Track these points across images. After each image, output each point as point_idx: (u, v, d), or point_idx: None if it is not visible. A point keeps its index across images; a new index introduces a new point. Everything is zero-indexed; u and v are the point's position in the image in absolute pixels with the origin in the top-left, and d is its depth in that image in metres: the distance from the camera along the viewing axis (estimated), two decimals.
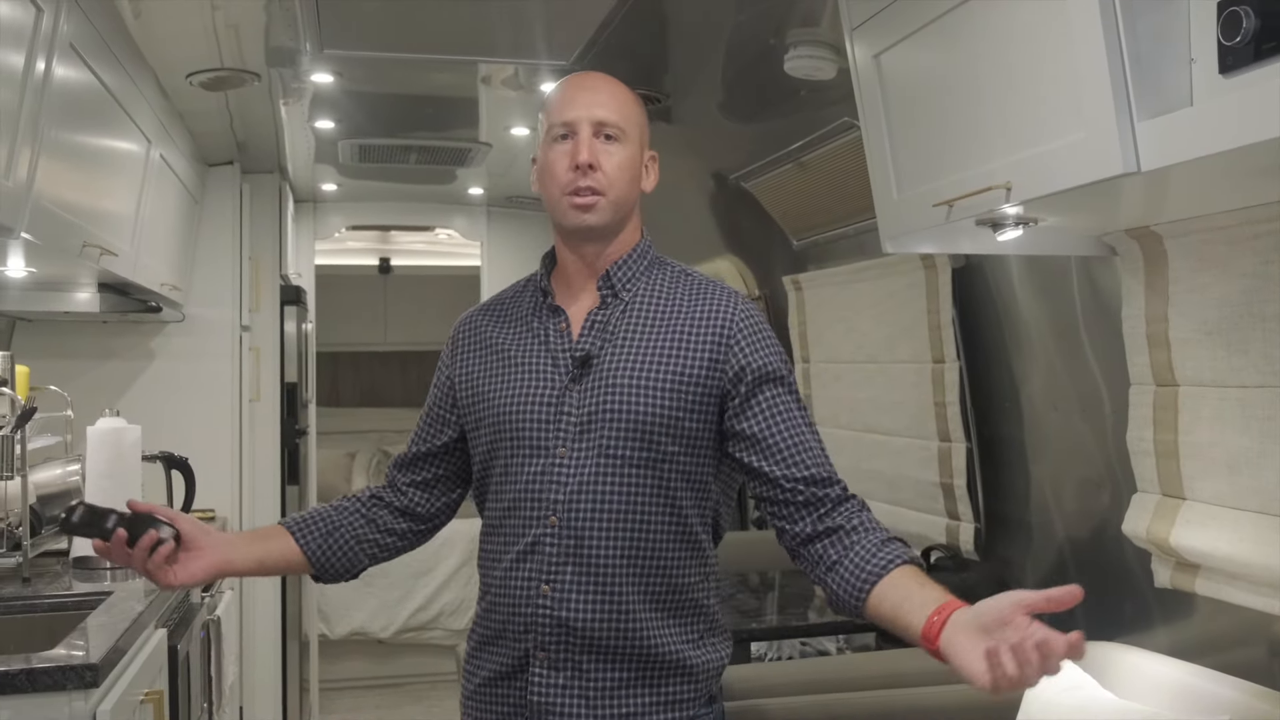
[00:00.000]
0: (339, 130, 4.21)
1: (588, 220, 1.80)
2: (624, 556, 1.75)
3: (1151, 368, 2.33)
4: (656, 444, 1.75)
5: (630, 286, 1.84)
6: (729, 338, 1.79)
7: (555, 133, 1.81)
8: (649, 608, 1.76)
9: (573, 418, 1.77)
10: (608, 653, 1.75)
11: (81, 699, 1.95)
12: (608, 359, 1.79)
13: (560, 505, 1.75)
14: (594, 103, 1.81)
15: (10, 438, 2.77)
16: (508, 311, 1.92)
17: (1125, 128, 1.56)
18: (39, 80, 2.12)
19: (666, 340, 1.79)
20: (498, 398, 1.83)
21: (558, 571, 1.75)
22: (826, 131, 3.37)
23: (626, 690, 1.76)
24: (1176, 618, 2.49)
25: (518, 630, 1.77)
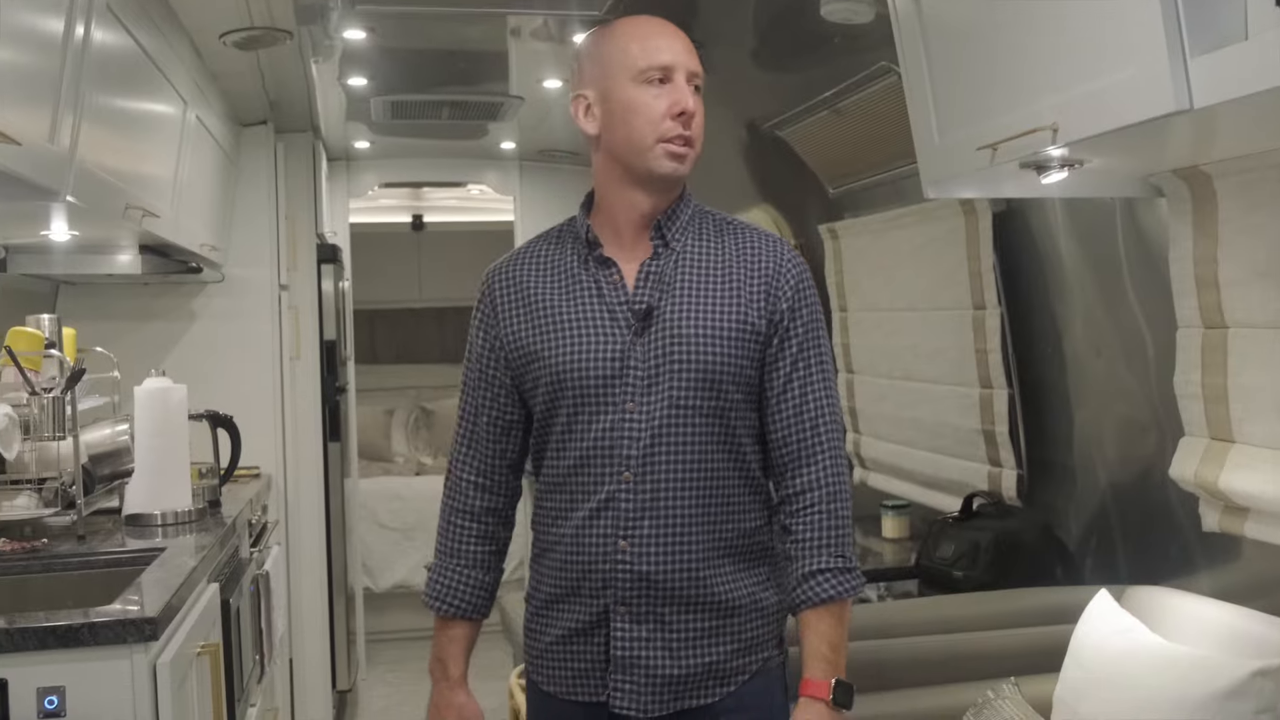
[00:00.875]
0: (371, 87, 4.20)
1: (680, 170, 1.79)
2: (698, 506, 1.76)
3: (1200, 310, 2.30)
4: (723, 393, 1.77)
5: (680, 236, 1.83)
6: (776, 282, 1.81)
7: (648, 75, 1.77)
8: (722, 555, 1.78)
9: (639, 371, 1.76)
10: (688, 602, 1.76)
11: (142, 651, 1.98)
12: (669, 310, 1.78)
13: (634, 460, 1.75)
14: (685, 50, 1.80)
15: (61, 399, 2.81)
16: (548, 263, 1.87)
17: (1177, 64, 1.54)
18: (79, 45, 2.12)
19: (724, 289, 1.79)
20: (555, 355, 1.79)
21: (634, 526, 1.75)
22: (863, 77, 3.34)
23: (708, 639, 1.78)
24: (1223, 561, 2.49)
25: (595, 586, 1.78)
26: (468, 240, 7.42)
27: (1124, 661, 2.25)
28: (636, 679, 1.77)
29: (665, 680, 1.77)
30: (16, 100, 1.89)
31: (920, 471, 3.67)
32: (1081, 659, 2.37)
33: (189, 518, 2.99)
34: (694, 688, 1.79)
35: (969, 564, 3.09)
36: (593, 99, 1.82)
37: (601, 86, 1.81)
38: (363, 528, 5.91)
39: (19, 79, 1.91)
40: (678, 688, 1.78)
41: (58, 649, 1.94)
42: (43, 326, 2.99)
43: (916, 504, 3.75)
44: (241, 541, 3.21)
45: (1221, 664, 2.07)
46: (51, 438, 2.83)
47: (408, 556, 6.19)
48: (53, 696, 1.92)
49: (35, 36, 1.98)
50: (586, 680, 1.81)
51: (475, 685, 1.97)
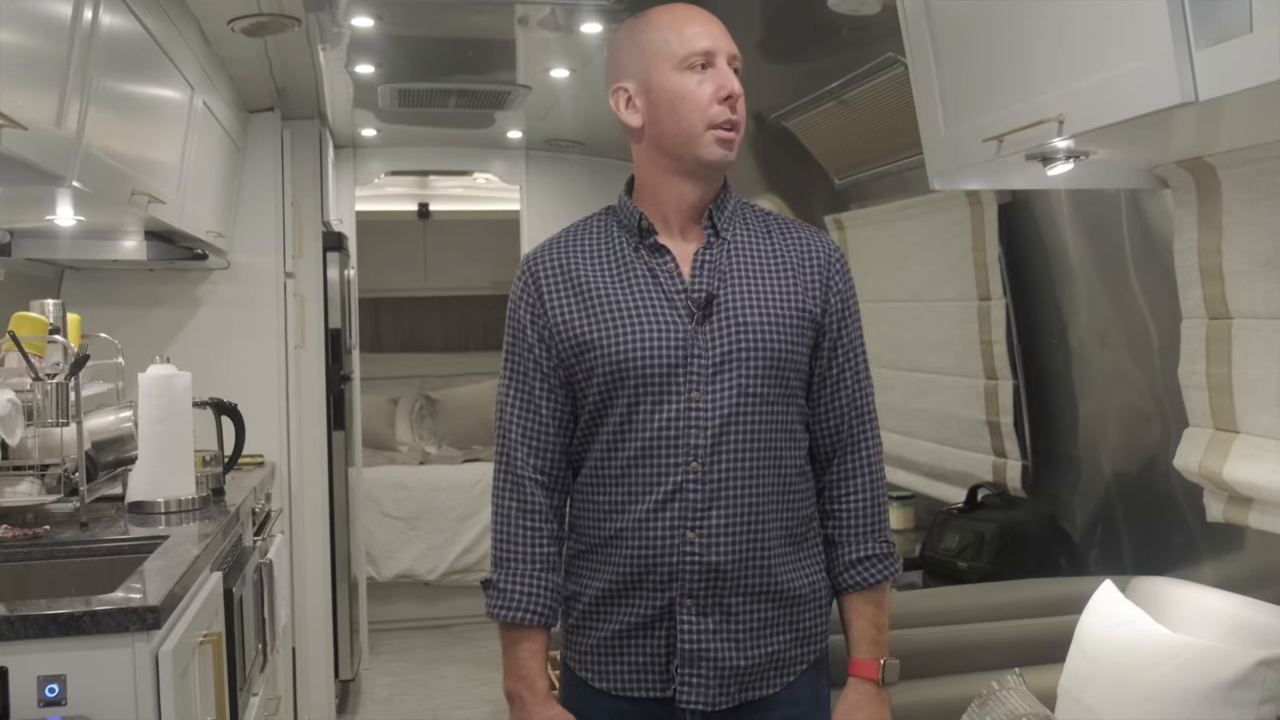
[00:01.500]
0: (378, 75, 4.20)
1: (729, 156, 1.79)
2: (766, 494, 1.76)
3: (1204, 301, 2.30)
4: (787, 379, 1.78)
5: (729, 226, 1.83)
6: (830, 272, 1.84)
7: (691, 61, 1.76)
8: (785, 544, 1.79)
9: (705, 359, 1.73)
10: (754, 592, 1.76)
11: (144, 640, 1.98)
12: (729, 298, 1.77)
13: (702, 449, 1.72)
14: (724, 33, 1.80)
15: (65, 385, 2.81)
16: (595, 250, 1.84)
17: (1183, 56, 1.54)
18: (86, 29, 2.12)
19: (781, 278, 1.81)
20: (613, 343, 1.75)
21: (703, 516, 1.73)
22: (870, 68, 3.33)
23: (771, 628, 1.79)
24: (1226, 552, 2.49)
25: (660, 579, 1.75)
26: (474, 229, 7.43)
27: (1129, 652, 2.26)
28: (704, 672, 1.75)
29: (732, 672, 1.76)
30: (24, 84, 1.88)
31: (925, 462, 3.67)
32: (1086, 649, 2.37)
33: (192, 505, 2.99)
34: (758, 678, 1.79)
35: (974, 555, 3.10)
36: (634, 90, 1.80)
37: (643, 77, 1.79)
38: (366, 517, 5.91)
39: (27, 63, 1.91)
40: (743, 679, 1.77)
41: (59, 637, 1.93)
42: (47, 312, 2.99)
43: (921, 495, 3.75)
44: (245, 530, 3.21)
45: (1226, 654, 2.07)
46: (55, 424, 2.82)
47: (411, 546, 6.20)
48: (54, 685, 1.91)
49: (44, 20, 1.98)
50: (647, 675, 1.78)
51: (479, 674, 1.96)
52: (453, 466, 6.63)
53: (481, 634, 5.99)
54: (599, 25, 3.48)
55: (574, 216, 1.94)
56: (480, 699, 5.03)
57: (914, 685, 2.54)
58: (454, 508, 6.24)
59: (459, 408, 7.40)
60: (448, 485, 6.32)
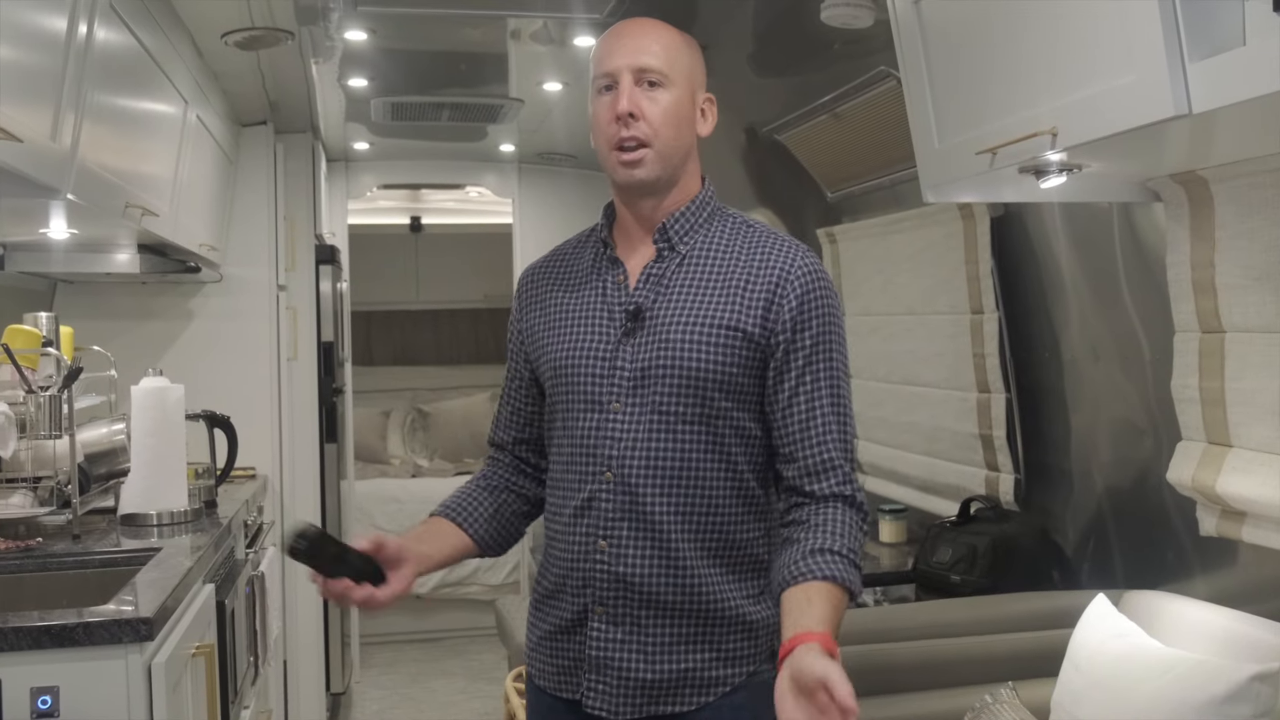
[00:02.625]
0: (371, 89, 4.21)
1: (636, 175, 1.75)
2: (679, 513, 1.73)
3: (1197, 314, 2.31)
4: (709, 399, 1.73)
5: (688, 239, 1.79)
6: (781, 290, 1.73)
7: (599, 84, 1.77)
8: (707, 563, 1.74)
9: (626, 372, 1.74)
10: (667, 608, 1.73)
11: (137, 652, 1.98)
12: (661, 313, 1.75)
13: (615, 461, 1.74)
14: (634, 49, 1.75)
15: (58, 397, 2.80)
16: (569, 263, 1.89)
17: (1176, 69, 1.55)
18: (81, 43, 2.12)
19: (720, 293, 1.74)
20: (556, 350, 1.81)
21: (614, 527, 1.74)
22: (862, 81, 3.35)
23: (686, 645, 1.74)
24: (1219, 565, 2.49)
25: (576, 585, 1.77)
26: (466, 242, 7.43)
27: (1121, 665, 2.26)
28: (609, 680, 1.75)
29: (638, 683, 1.74)
30: (19, 97, 1.89)
31: (917, 476, 3.67)
32: (1079, 663, 2.37)
33: (185, 518, 2.99)
34: (668, 693, 1.75)
35: (966, 568, 3.10)
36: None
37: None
38: (358, 530, 5.90)
39: (22, 76, 1.91)
40: (651, 692, 1.74)
41: (52, 648, 1.93)
42: (40, 324, 2.98)
43: (914, 508, 3.75)
44: (237, 542, 3.21)
45: (1219, 668, 2.08)
46: (48, 436, 2.82)
47: None
48: (46, 696, 1.91)
49: (39, 34, 1.98)
50: (569, 677, 1.80)
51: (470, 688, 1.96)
52: (445, 479, 6.61)
53: (473, 647, 5.98)
54: (591, 39, 3.50)
55: (566, 230, 1.96)
56: (471, 712, 5.01)
57: (907, 698, 2.55)
58: None
59: (451, 421, 7.39)
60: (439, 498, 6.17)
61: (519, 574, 6.24)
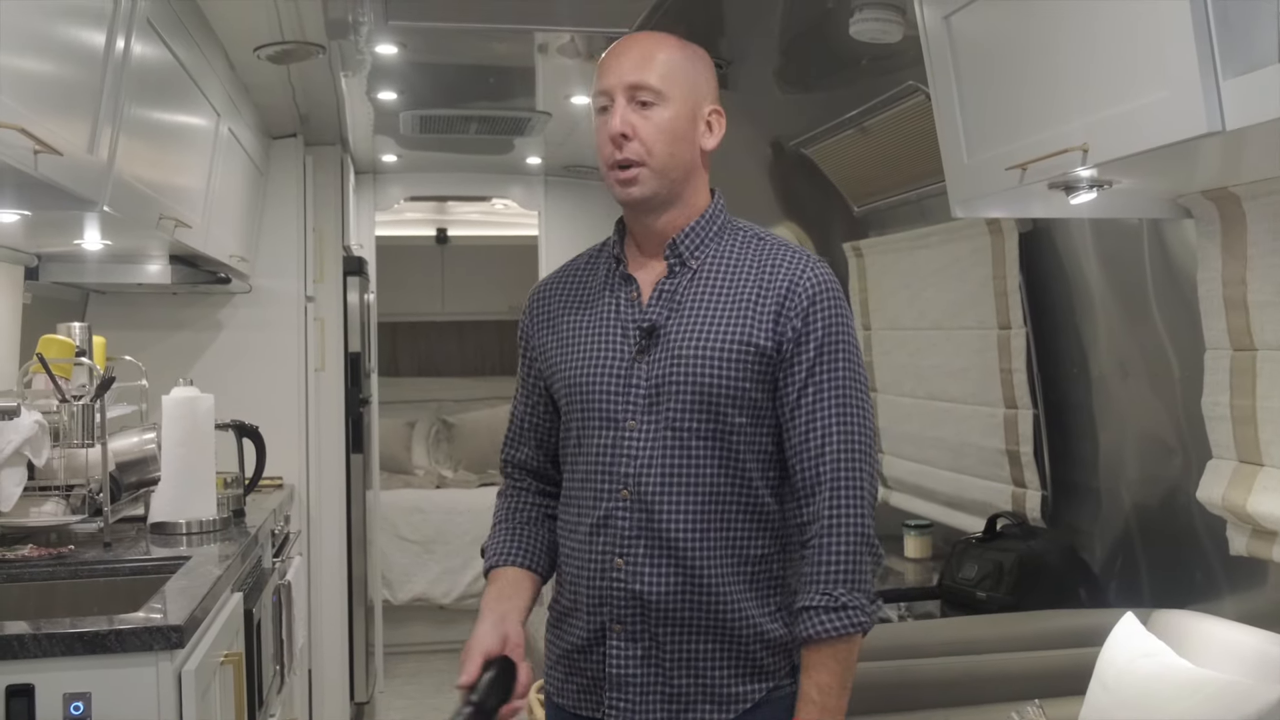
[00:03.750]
0: (400, 101, 4.23)
1: (632, 194, 1.74)
2: (695, 530, 1.72)
3: (1228, 332, 2.30)
4: (723, 415, 1.72)
5: (699, 254, 1.78)
6: (788, 300, 1.72)
7: (597, 104, 1.77)
8: (724, 580, 1.73)
9: (641, 390, 1.74)
10: (685, 625, 1.73)
11: (167, 659, 1.99)
12: (674, 329, 1.74)
13: (631, 478, 1.73)
14: (629, 67, 1.74)
15: (90, 406, 2.83)
16: (581, 279, 1.88)
17: (1210, 86, 1.54)
18: (119, 58, 2.15)
19: (732, 308, 1.73)
20: (570, 368, 1.80)
21: (630, 545, 1.73)
22: (890, 96, 3.34)
23: (706, 661, 1.74)
24: (1249, 585, 2.47)
25: (593, 603, 1.76)
26: (492, 254, 7.46)
27: (1150, 685, 2.24)
28: (630, 698, 1.74)
29: (660, 699, 1.74)
30: (59, 111, 1.92)
31: (943, 491, 3.66)
32: (1106, 682, 2.35)
33: (213, 527, 3.01)
34: (689, 710, 1.74)
35: (992, 585, 3.08)
36: None
37: None
38: (383, 540, 5.92)
39: (62, 91, 1.94)
40: (671, 708, 1.74)
41: (84, 655, 1.95)
42: (73, 334, 3.02)
43: (939, 524, 3.73)
44: (264, 552, 3.23)
45: (1249, 689, 2.06)
46: (80, 445, 2.85)
47: (427, 569, 6.20)
48: (78, 702, 1.93)
49: (78, 50, 2.01)
50: (587, 695, 1.80)
51: None
52: (468, 490, 6.63)
53: None
54: None
55: (592, 242, 1.95)
56: None
57: (931, 715, 2.54)
58: (469, 532, 6.24)
59: (475, 432, 7.41)
60: (463, 509, 6.33)
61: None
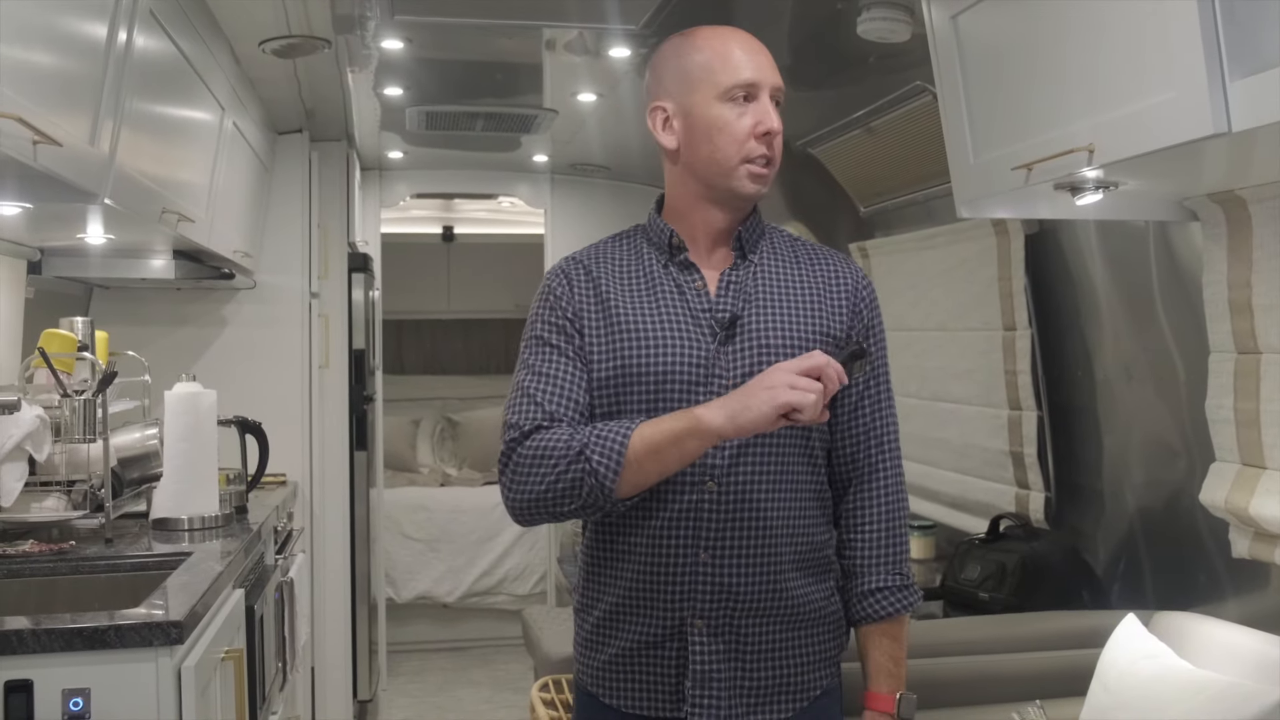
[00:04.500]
0: (406, 97, 4.23)
1: (762, 191, 1.78)
2: (780, 519, 1.75)
3: (1233, 335, 2.29)
4: None
5: (755, 248, 1.83)
6: (859, 301, 1.85)
7: (734, 92, 1.75)
8: (799, 567, 1.77)
9: (726, 379, 1.73)
10: (766, 616, 1.76)
11: (167, 655, 1.99)
12: (753, 320, 1.76)
13: (719, 470, 1.72)
14: (770, 65, 1.79)
15: (92, 401, 2.83)
16: (626, 263, 1.83)
17: (1217, 87, 1.53)
18: (121, 50, 2.14)
19: (806, 300, 1.80)
20: (637, 357, 1.74)
21: (717, 537, 1.72)
22: (897, 96, 3.34)
23: (783, 651, 1.78)
24: (1251, 588, 2.46)
25: (671, 598, 1.74)
26: (498, 252, 7.46)
27: (1151, 686, 2.23)
28: (715, 693, 1.74)
29: (743, 693, 1.76)
30: (60, 103, 1.91)
31: (947, 492, 3.65)
32: (1108, 683, 2.35)
33: (216, 523, 3.01)
34: (771, 701, 1.78)
35: (995, 586, 3.08)
36: (672, 111, 1.79)
37: (683, 101, 1.78)
38: (387, 538, 5.92)
39: (63, 83, 1.94)
40: (752, 701, 1.76)
41: (84, 650, 1.94)
42: (76, 329, 3.01)
43: (943, 525, 3.73)
44: (267, 548, 3.22)
45: (1251, 691, 2.05)
46: (82, 440, 2.85)
47: (431, 568, 6.20)
48: (78, 698, 1.92)
49: (80, 41, 2.01)
50: (657, 694, 1.77)
51: (496, 697, 1.95)
52: (473, 489, 6.63)
53: (500, 657, 5.98)
54: (627, 50, 3.50)
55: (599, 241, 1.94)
56: None
57: (934, 715, 2.52)
58: (474, 530, 6.24)
59: (480, 430, 7.41)
60: (468, 508, 6.33)
61: (545, 584, 6.25)
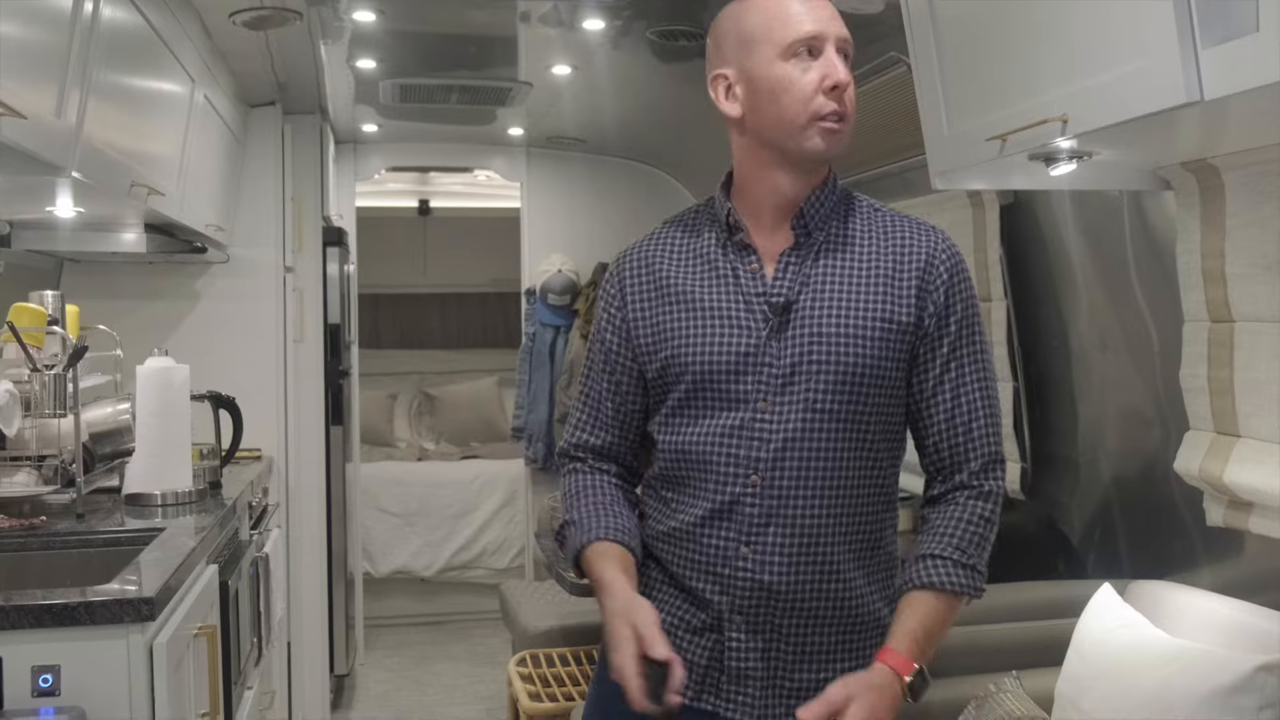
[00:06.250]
0: (380, 70, 4.19)
1: (835, 149, 1.65)
2: (830, 516, 1.65)
3: (1206, 304, 2.29)
4: (864, 396, 1.66)
5: (823, 225, 1.71)
6: (929, 274, 1.69)
7: (795, 48, 1.62)
8: (854, 567, 1.68)
9: (775, 369, 1.65)
10: (812, 616, 1.66)
11: (139, 631, 1.98)
12: (808, 305, 1.66)
13: (763, 463, 1.64)
14: (833, 16, 1.65)
15: (63, 376, 2.80)
16: (683, 246, 1.76)
17: (1188, 55, 1.53)
18: (88, 20, 2.11)
19: (869, 284, 1.67)
20: (685, 342, 1.69)
21: (759, 533, 1.65)
22: (871, 68, 3.32)
23: (829, 655, 1.69)
24: (1226, 556, 2.48)
25: (710, 590, 1.68)
26: (474, 226, 7.42)
27: (1126, 655, 2.25)
28: (750, 692, 1.67)
29: (781, 693, 1.67)
30: (24, 74, 1.88)
31: None
32: (1084, 653, 2.36)
33: (189, 498, 2.99)
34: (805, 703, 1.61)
35: None
36: (733, 78, 1.68)
37: (743, 65, 1.67)
38: (363, 512, 5.91)
39: (27, 53, 1.91)
40: (792, 702, 1.65)
41: (54, 627, 1.93)
42: (46, 303, 2.99)
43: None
44: (241, 523, 3.21)
45: (1225, 659, 2.07)
46: (52, 415, 2.82)
47: (408, 542, 6.19)
48: (47, 675, 1.91)
49: (44, 11, 1.98)
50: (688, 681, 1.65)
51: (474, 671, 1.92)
52: (450, 463, 6.62)
53: (478, 631, 5.99)
54: (601, 22, 3.48)
55: (575, 214, 1.93)
56: (475, 695, 5.02)
57: None
58: (451, 505, 6.23)
59: (457, 404, 7.39)
60: (445, 482, 6.32)
61: (524, 558, 6.25)
